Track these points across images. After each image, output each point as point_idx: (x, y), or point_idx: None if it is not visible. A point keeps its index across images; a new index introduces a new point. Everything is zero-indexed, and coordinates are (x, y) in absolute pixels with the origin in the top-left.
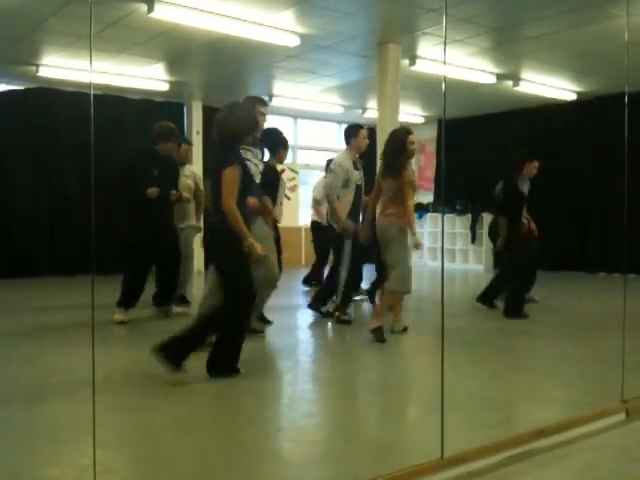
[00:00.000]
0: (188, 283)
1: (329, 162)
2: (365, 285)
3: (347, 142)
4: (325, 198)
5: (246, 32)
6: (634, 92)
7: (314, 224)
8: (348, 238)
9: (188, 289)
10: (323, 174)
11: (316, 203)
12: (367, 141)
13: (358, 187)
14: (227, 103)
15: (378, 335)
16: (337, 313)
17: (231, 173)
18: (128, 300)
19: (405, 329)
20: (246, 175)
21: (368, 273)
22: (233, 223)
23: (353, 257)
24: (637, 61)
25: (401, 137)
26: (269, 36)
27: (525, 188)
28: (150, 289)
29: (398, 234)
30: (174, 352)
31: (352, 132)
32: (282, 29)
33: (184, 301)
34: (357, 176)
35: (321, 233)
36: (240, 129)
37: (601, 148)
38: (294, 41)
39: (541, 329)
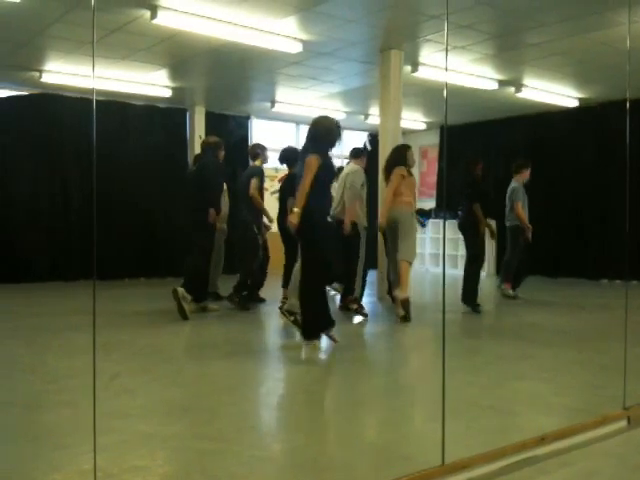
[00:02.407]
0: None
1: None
2: None
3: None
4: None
5: (249, 39)
6: (635, 99)
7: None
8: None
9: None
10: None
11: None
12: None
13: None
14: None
15: (407, 308)
16: (355, 307)
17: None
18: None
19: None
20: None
21: None
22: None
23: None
24: (638, 68)
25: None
26: (272, 43)
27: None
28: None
29: (410, 216)
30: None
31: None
32: (285, 36)
33: (218, 298)
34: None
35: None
36: None
37: (603, 154)
38: (296, 48)
39: (542, 336)
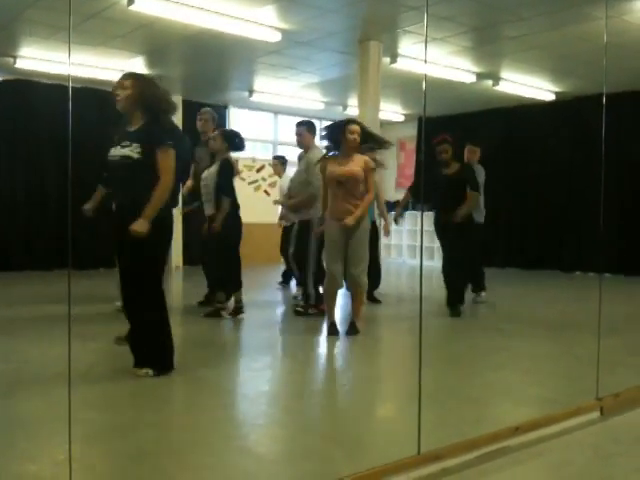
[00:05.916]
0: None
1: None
2: None
3: None
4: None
5: (227, 27)
6: (612, 93)
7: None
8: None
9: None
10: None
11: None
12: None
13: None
14: None
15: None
16: (304, 307)
17: None
18: None
19: None
20: None
21: None
22: None
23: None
24: (615, 62)
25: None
26: (250, 31)
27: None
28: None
29: None
30: None
31: None
32: (263, 24)
33: None
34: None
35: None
36: None
37: (578, 148)
38: (275, 37)
39: (517, 327)
